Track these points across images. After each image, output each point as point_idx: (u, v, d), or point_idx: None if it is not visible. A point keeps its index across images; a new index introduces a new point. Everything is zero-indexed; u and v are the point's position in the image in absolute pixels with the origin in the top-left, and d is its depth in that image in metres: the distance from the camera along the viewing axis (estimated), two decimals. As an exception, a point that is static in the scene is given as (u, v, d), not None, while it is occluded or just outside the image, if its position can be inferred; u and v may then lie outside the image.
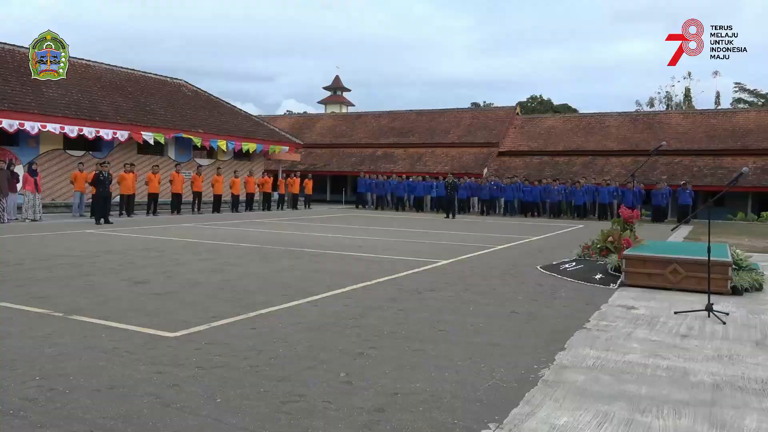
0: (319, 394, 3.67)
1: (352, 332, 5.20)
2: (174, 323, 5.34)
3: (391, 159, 34.45)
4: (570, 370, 4.26)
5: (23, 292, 6.58)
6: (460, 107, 39.69)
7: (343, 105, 67.52)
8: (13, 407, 3.34)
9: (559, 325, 5.65)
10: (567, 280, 8.29)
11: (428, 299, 6.76)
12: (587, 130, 32.85)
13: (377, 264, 9.56)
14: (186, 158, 25.46)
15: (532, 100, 65.12)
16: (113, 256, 9.63)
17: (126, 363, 4.18)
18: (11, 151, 19.43)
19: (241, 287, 7.19)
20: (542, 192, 25.66)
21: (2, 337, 4.76)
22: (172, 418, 3.25)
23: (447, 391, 3.78)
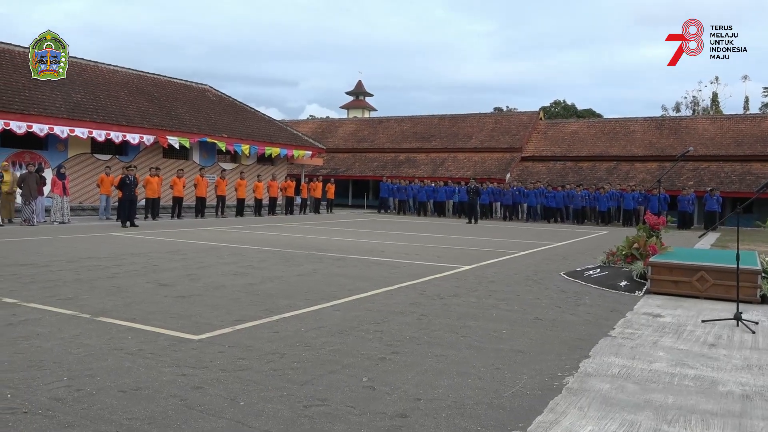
0: (341, 399, 3.67)
1: (375, 337, 5.20)
2: (198, 326, 5.39)
3: (413, 164, 34.43)
4: (595, 378, 4.21)
5: (51, 293, 6.69)
6: (483, 112, 39.53)
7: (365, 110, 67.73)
8: (41, 407, 3.40)
9: (583, 333, 5.58)
10: (591, 287, 8.20)
11: (450, 305, 6.73)
12: (611, 135, 32.49)
13: (399, 269, 9.55)
14: (210, 162, 25.73)
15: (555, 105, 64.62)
16: (139, 259, 9.76)
17: (151, 365, 4.23)
18: (41, 155, 19.83)
19: (264, 291, 7.23)
20: (566, 197, 25.44)
21: (31, 337, 4.85)
22: (197, 420, 3.28)
23: (470, 398, 3.76)
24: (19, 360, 4.25)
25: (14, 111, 18.23)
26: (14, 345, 4.61)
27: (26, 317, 5.53)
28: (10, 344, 4.63)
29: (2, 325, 5.22)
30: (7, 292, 6.64)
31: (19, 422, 3.18)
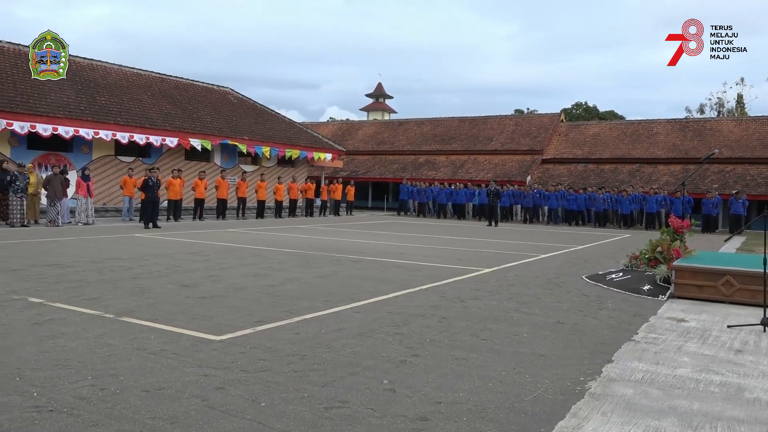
0: (362, 401, 3.67)
1: (395, 339, 5.19)
2: (219, 327, 5.43)
3: (433, 166, 34.37)
4: (618, 383, 4.16)
5: (76, 293, 6.79)
6: (503, 114, 39.33)
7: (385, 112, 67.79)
8: (66, 405, 3.45)
9: (605, 337, 5.52)
10: (614, 291, 8.11)
11: (471, 308, 6.70)
12: (634, 138, 32.13)
13: (419, 271, 9.53)
14: (231, 164, 25.94)
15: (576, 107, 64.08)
16: (161, 260, 9.86)
17: (173, 365, 4.27)
18: (66, 157, 20.15)
19: (285, 292, 7.27)
20: (587, 200, 25.19)
21: (57, 336, 4.92)
22: (218, 421, 3.30)
23: (491, 402, 3.74)
24: (45, 359, 4.31)
25: (40, 114, 18.56)
26: (40, 344, 4.68)
27: (52, 317, 5.62)
28: (36, 343, 4.70)
29: (29, 324, 5.31)
30: (33, 292, 6.76)
31: (45, 420, 3.23)
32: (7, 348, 4.55)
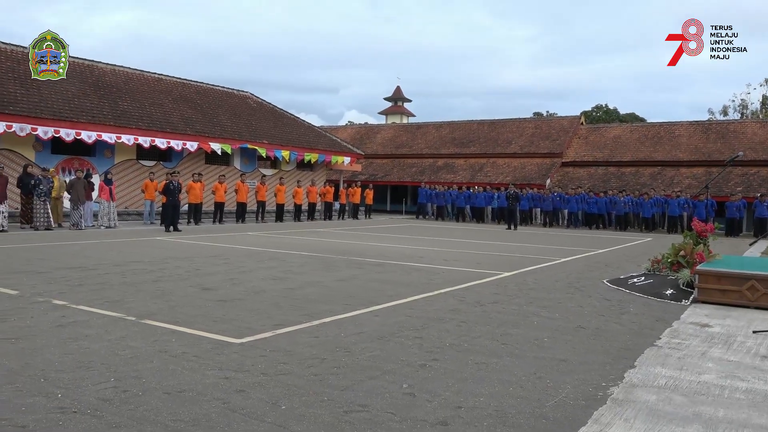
0: (382, 405, 3.66)
1: (414, 343, 5.18)
2: (239, 330, 5.46)
3: (452, 169, 34.30)
4: (641, 389, 4.10)
5: (99, 296, 6.88)
6: (522, 117, 39.14)
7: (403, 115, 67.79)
8: (90, 407, 3.49)
9: (628, 342, 5.45)
10: (636, 295, 8.01)
11: (491, 312, 6.66)
12: (656, 140, 31.77)
13: (438, 275, 9.51)
14: (251, 168, 26.12)
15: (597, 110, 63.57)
16: (182, 263, 9.95)
17: (194, 368, 4.30)
18: (89, 161, 20.45)
19: (304, 296, 7.29)
20: (608, 203, 24.95)
21: (80, 338, 4.99)
22: (239, 423, 3.31)
23: (512, 407, 3.71)
24: (69, 360, 4.37)
25: (64, 119, 18.86)
26: (64, 346, 4.75)
27: (75, 319, 5.69)
28: (60, 345, 4.77)
29: (53, 326, 5.39)
30: (57, 294, 6.86)
31: (69, 421, 3.27)
32: (32, 349, 4.62)
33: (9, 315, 5.77)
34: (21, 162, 18.31)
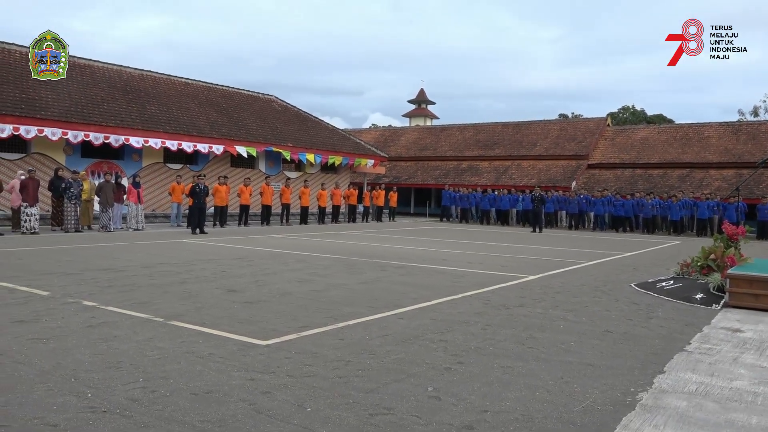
0: (407, 408, 3.65)
1: (439, 346, 5.16)
2: (265, 331, 5.49)
3: (476, 171, 34.15)
4: (670, 395, 4.03)
5: (127, 297, 6.98)
6: (547, 119, 38.81)
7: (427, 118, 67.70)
8: (119, 407, 3.54)
9: (657, 347, 5.37)
10: (664, 299, 7.88)
11: (516, 315, 6.61)
12: (684, 142, 31.26)
13: (462, 278, 9.46)
14: (275, 171, 26.32)
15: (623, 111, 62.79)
16: (208, 265, 10.06)
17: (221, 369, 4.33)
18: (117, 165, 20.80)
19: (328, 298, 7.31)
20: (635, 206, 24.60)
21: (109, 339, 5.07)
22: (265, 425, 3.33)
23: (538, 411, 3.67)
24: (99, 361, 4.44)
25: (93, 123, 19.22)
26: (94, 346, 4.82)
27: (104, 320, 5.78)
28: (90, 345, 4.85)
29: (83, 327, 5.48)
30: (87, 295, 6.98)
31: (98, 421, 3.32)
32: (63, 350, 4.71)
33: (41, 316, 5.88)
34: (52, 165, 18.70)
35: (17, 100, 18.07)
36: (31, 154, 18.84)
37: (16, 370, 4.17)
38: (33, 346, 4.79)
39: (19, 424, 3.24)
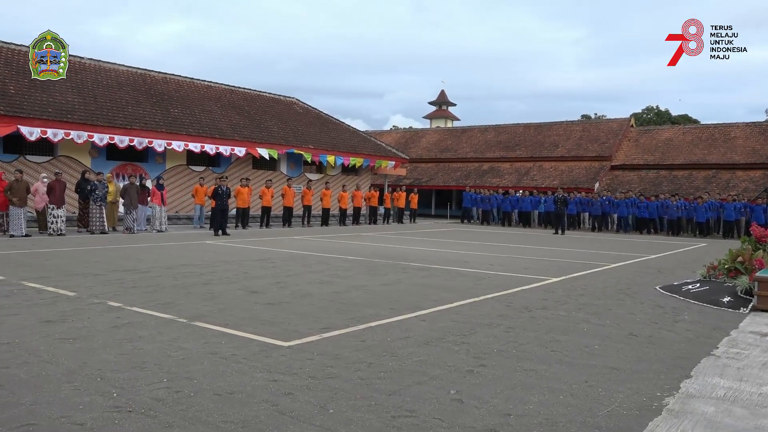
0: (429, 411, 3.64)
1: (461, 349, 5.13)
2: (287, 333, 5.51)
3: (497, 173, 33.97)
4: (698, 400, 3.96)
5: (151, 298, 7.06)
6: (570, 119, 38.47)
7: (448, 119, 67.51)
8: (144, 406, 3.58)
9: (683, 351, 5.28)
10: (690, 302, 7.75)
11: (539, 318, 6.55)
12: (710, 142, 30.76)
13: (484, 279, 9.41)
14: (297, 173, 26.45)
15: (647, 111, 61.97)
16: (230, 266, 10.13)
17: (244, 370, 4.36)
18: (141, 167, 21.06)
19: (350, 300, 7.32)
20: (659, 208, 24.26)
21: (134, 339, 5.13)
22: (288, 426, 3.34)
23: (562, 415, 3.63)
24: (124, 361, 4.49)
25: (118, 126, 19.49)
26: (119, 346, 4.88)
27: (129, 320, 5.85)
28: (115, 345, 4.91)
29: (108, 327, 5.55)
30: (112, 296, 7.07)
31: (124, 420, 3.35)
32: (89, 349, 4.77)
33: (68, 316, 5.97)
34: (78, 168, 19.00)
35: (44, 104, 18.40)
36: (58, 156, 19.17)
37: (43, 369, 4.24)
38: (60, 345, 4.87)
39: (46, 423, 3.29)
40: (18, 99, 17.96)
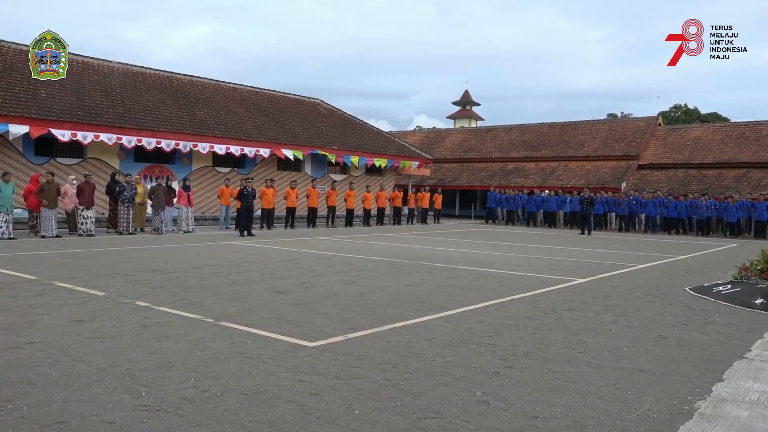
0: (455, 412, 3.61)
1: (487, 350, 5.09)
2: (312, 333, 5.53)
3: (522, 173, 33.71)
4: (731, 404, 3.87)
5: (178, 298, 7.14)
6: (596, 119, 38.01)
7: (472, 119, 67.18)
8: (172, 405, 3.61)
9: (714, 353, 5.17)
10: (721, 304, 7.60)
11: (566, 319, 6.48)
12: (740, 141, 30.14)
13: (510, 280, 9.34)
14: (321, 174, 26.54)
15: (675, 110, 60.95)
16: (256, 267, 10.20)
17: (270, 370, 4.38)
18: (168, 169, 21.34)
19: (375, 300, 7.31)
20: (689, 207, 23.84)
21: (162, 339, 5.19)
22: (314, 426, 3.34)
23: (591, 418, 3.58)
24: (152, 360, 4.55)
25: (146, 128, 19.77)
26: (147, 346, 4.95)
27: (157, 320, 5.93)
28: (143, 345, 4.97)
29: (137, 326, 5.63)
30: (140, 296, 7.17)
31: (152, 419, 3.39)
32: (118, 349, 4.84)
33: (97, 315, 6.07)
34: (107, 170, 19.32)
35: (74, 107, 18.74)
36: (87, 158, 19.50)
37: (74, 368, 4.31)
38: (90, 344, 4.95)
39: (77, 421, 3.34)
40: (49, 102, 18.33)
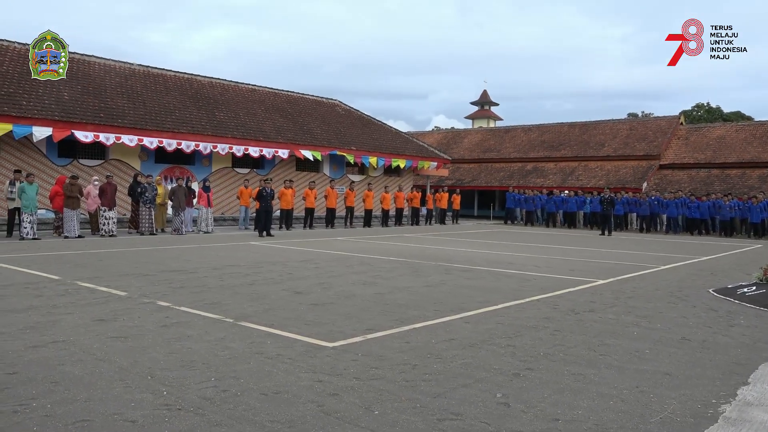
0: (475, 414, 3.59)
1: (507, 351, 5.06)
2: (332, 333, 5.53)
3: (541, 173, 33.48)
4: (757, 408, 3.80)
5: (199, 298, 7.19)
6: (616, 118, 37.63)
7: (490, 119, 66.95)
8: (193, 405, 3.64)
9: (739, 356, 5.08)
10: (746, 306, 7.47)
11: (586, 321, 6.42)
12: (765, 140, 29.63)
13: (529, 281, 9.27)
14: (339, 174, 26.61)
15: (698, 109, 60.15)
16: (275, 267, 10.25)
17: (289, 370, 4.39)
18: (188, 170, 21.53)
19: (393, 301, 7.31)
20: (711, 208, 23.49)
21: (182, 338, 5.23)
22: (333, 427, 3.35)
23: (613, 421, 3.53)
24: (173, 360, 4.58)
25: (166, 130, 19.98)
26: (168, 345, 4.99)
27: (178, 320, 5.98)
28: (165, 344, 5.01)
29: (158, 326, 5.68)
30: (161, 296, 7.24)
31: (174, 418, 3.42)
32: (140, 348, 4.89)
33: (119, 315, 6.14)
34: (128, 171, 19.56)
35: (96, 109, 18.99)
36: (109, 160, 19.75)
37: (97, 366, 4.36)
38: (112, 344, 5.00)
39: (100, 420, 3.38)
40: (71, 105, 18.59)
